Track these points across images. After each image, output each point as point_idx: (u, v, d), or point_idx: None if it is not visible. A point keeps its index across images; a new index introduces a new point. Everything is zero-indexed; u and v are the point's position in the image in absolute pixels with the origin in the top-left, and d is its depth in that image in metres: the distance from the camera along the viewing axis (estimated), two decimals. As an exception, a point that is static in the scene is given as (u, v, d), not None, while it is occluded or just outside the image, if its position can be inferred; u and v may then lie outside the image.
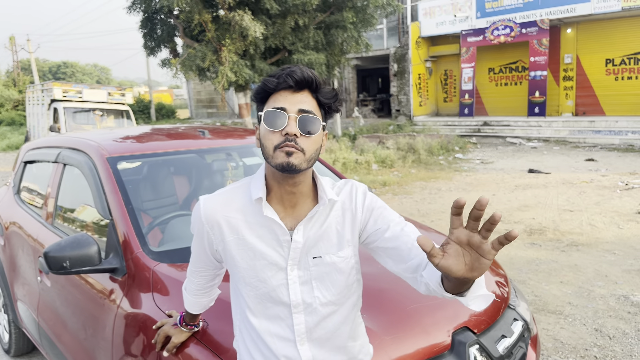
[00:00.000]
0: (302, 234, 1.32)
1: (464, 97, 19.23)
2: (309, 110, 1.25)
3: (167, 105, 35.87)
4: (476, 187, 9.73)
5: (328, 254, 1.35)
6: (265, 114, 1.25)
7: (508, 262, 5.37)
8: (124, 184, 2.49)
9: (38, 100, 14.42)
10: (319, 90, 1.28)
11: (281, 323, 1.36)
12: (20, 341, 3.63)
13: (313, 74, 1.26)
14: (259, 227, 1.32)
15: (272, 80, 1.26)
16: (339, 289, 1.37)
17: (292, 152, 1.22)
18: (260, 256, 1.32)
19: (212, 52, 14.30)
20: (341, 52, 16.88)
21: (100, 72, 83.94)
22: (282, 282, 1.33)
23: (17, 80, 42.62)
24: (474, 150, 15.14)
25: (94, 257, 2.17)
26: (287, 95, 1.25)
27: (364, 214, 1.37)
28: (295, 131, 1.22)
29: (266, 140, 1.26)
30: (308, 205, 1.35)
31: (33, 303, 3.08)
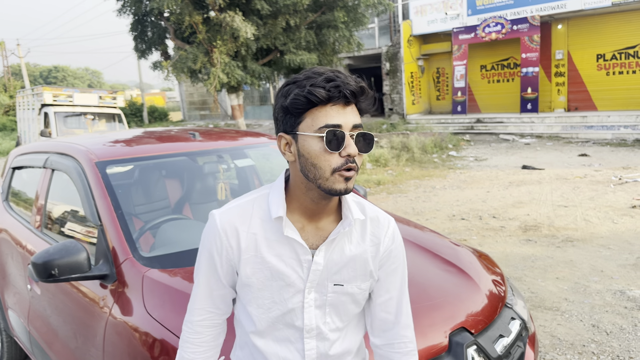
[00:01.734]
0: (324, 255, 1.23)
1: (457, 94, 19.25)
2: (360, 125, 1.14)
3: (160, 108, 35.71)
4: (470, 184, 9.73)
5: (350, 283, 1.27)
6: (327, 134, 1.11)
7: (504, 259, 5.36)
8: (113, 188, 2.45)
9: (29, 105, 14.31)
10: (364, 99, 1.17)
11: (290, 347, 1.27)
12: (12, 350, 3.57)
13: (364, 80, 1.16)
14: (279, 245, 1.22)
15: (320, 92, 1.10)
16: (348, 318, 1.31)
17: (350, 178, 1.12)
18: (278, 277, 1.22)
19: (203, 53, 14.24)
20: (333, 51, 16.87)
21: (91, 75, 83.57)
22: (297, 305, 1.25)
23: (7, 86, 42.31)
24: (467, 148, 15.15)
25: (83, 264, 2.13)
26: (339, 109, 1.12)
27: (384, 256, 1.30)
28: (355, 152, 1.12)
29: (322, 161, 1.12)
30: (332, 222, 1.26)
31: (24, 311, 3.03)
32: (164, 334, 1.81)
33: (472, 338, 1.91)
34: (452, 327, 1.92)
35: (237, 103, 16.47)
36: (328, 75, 1.13)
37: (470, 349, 1.87)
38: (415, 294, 2.04)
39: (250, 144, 3.25)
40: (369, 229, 1.28)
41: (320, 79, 1.12)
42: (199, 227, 2.52)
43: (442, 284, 2.20)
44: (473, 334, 1.94)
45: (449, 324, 1.93)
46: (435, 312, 1.95)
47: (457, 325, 1.94)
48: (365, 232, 1.28)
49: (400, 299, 1.34)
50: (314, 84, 1.12)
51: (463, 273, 2.29)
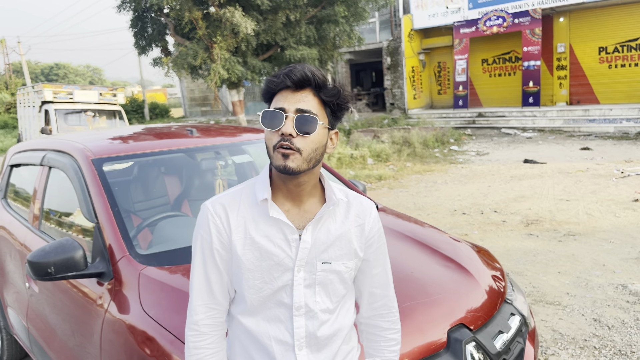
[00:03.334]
0: (311, 234, 1.30)
1: (458, 88, 19.18)
2: (306, 110, 1.23)
3: (161, 104, 35.69)
4: (472, 178, 9.70)
5: (337, 261, 1.34)
6: (263, 114, 1.25)
7: (505, 254, 5.34)
8: (110, 186, 2.43)
9: (29, 103, 14.31)
10: (321, 89, 1.26)
11: (280, 326, 1.33)
12: (13, 348, 3.57)
13: (313, 72, 1.23)
14: (267, 226, 1.30)
15: (273, 81, 1.25)
16: (337, 298, 1.37)
17: (288, 155, 1.21)
18: (268, 256, 1.29)
19: (203, 49, 14.20)
20: (334, 46, 16.80)
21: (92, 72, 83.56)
22: (287, 283, 1.31)
23: (9, 83, 42.33)
24: (469, 142, 15.10)
25: (80, 262, 2.12)
26: (288, 94, 1.24)
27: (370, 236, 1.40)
28: (290, 131, 1.21)
29: (267, 140, 1.26)
30: (316, 205, 1.34)
31: (22, 309, 3.02)
32: (159, 332, 1.80)
33: (471, 334, 1.89)
34: (451, 324, 1.90)
35: (238, 99, 16.44)
36: (289, 67, 1.26)
37: (469, 346, 1.85)
38: (413, 290, 2.03)
39: (248, 140, 3.23)
40: (353, 210, 1.38)
41: (282, 70, 1.26)
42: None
43: (441, 280, 2.18)
44: (472, 330, 1.92)
45: (448, 320, 1.91)
46: (434, 309, 1.94)
47: (455, 321, 1.92)
48: (348, 213, 1.37)
49: (386, 274, 1.47)
50: (275, 75, 1.27)
51: (462, 269, 2.27)
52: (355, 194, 1.43)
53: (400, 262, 2.20)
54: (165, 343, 1.75)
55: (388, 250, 1.51)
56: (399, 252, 2.31)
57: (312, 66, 1.26)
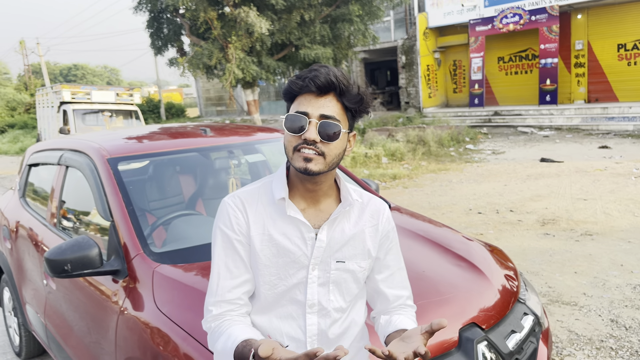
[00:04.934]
0: (326, 233, 1.32)
1: (474, 87, 19.02)
2: (330, 116, 1.23)
3: (177, 104, 35.97)
4: (487, 177, 9.62)
5: (351, 261, 1.36)
6: (287, 118, 1.25)
7: (520, 253, 5.29)
8: (125, 184, 2.47)
9: (48, 103, 14.52)
10: (345, 94, 1.26)
11: (292, 323, 1.35)
12: (31, 344, 3.64)
13: (338, 78, 1.23)
14: (284, 224, 1.32)
15: (297, 83, 1.25)
16: (350, 297, 1.39)
17: (310, 158, 1.22)
18: (284, 253, 1.31)
19: (218, 49, 14.28)
20: (348, 45, 16.77)
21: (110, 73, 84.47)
22: (301, 281, 1.33)
23: (28, 84, 43.02)
24: (485, 141, 14.97)
25: (95, 260, 2.16)
26: (311, 99, 1.24)
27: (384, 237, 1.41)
28: (313, 137, 1.22)
29: (287, 141, 1.27)
30: (332, 205, 1.36)
31: (40, 306, 3.08)
32: (173, 329, 1.82)
33: (483, 334, 1.88)
34: (463, 323, 1.90)
35: (253, 98, 16.50)
36: (313, 69, 1.26)
37: (481, 345, 1.84)
38: (425, 289, 2.02)
39: (262, 139, 3.24)
40: (367, 211, 1.40)
41: (306, 71, 1.26)
42: (210, 222, 2.53)
43: (453, 279, 2.17)
44: (484, 329, 1.91)
45: (460, 320, 1.90)
46: (446, 308, 1.93)
47: (467, 320, 1.91)
48: (362, 214, 1.39)
49: (401, 272, 1.48)
50: (298, 76, 1.26)
51: (474, 268, 2.26)
52: (369, 195, 1.44)
53: (412, 261, 2.20)
54: (178, 340, 1.78)
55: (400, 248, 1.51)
56: (411, 251, 2.30)
57: (336, 69, 1.26)
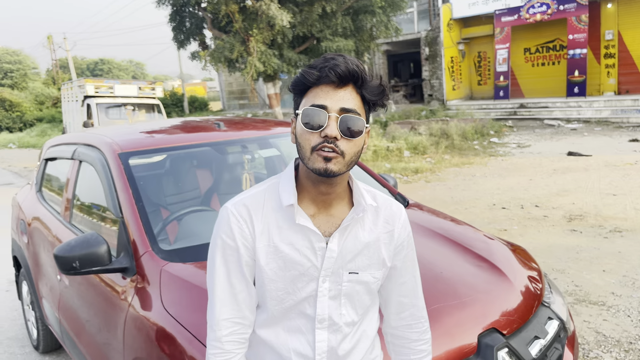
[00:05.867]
0: (338, 242, 1.21)
1: (499, 79, 18.65)
2: (352, 109, 1.12)
3: (200, 98, 36.16)
4: (512, 172, 9.41)
5: (365, 272, 1.25)
6: (304, 112, 1.13)
7: (546, 250, 5.13)
8: (135, 180, 2.42)
9: (73, 97, 14.72)
10: (365, 86, 1.14)
11: (301, 338, 1.24)
12: (48, 338, 3.64)
13: (359, 67, 1.12)
14: (292, 233, 1.20)
15: (313, 73, 1.12)
16: (362, 310, 1.29)
17: (330, 158, 1.10)
18: (292, 266, 1.20)
19: (240, 42, 14.26)
20: (370, 37, 16.57)
21: (135, 67, 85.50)
22: (311, 294, 1.22)
23: (56, 78, 43.79)
24: (510, 134, 14.67)
25: (104, 257, 2.12)
26: (329, 90, 1.12)
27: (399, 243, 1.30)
28: (335, 133, 1.10)
29: (303, 139, 1.14)
30: (343, 209, 1.24)
31: (55, 301, 3.07)
32: (179, 330, 1.76)
33: (504, 340, 1.78)
34: (482, 328, 1.79)
35: (274, 92, 16.46)
36: (328, 58, 1.14)
37: (502, 352, 1.74)
38: (442, 291, 1.92)
39: (278, 134, 3.16)
40: (382, 216, 1.28)
41: (320, 60, 1.14)
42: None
43: (473, 280, 2.06)
44: (505, 335, 1.81)
45: (479, 324, 1.80)
46: (464, 311, 1.83)
47: (487, 325, 1.81)
48: (377, 219, 1.27)
49: (415, 282, 1.37)
50: (312, 66, 1.14)
51: (495, 269, 2.14)
52: (385, 197, 1.32)
53: (429, 261, 2.10)
54: (185, 343, 1.72)
55: (418, 248, 1.42)
56: (428, 251, 2.20)
57: (354, 58, 1.15)
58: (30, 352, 3.86)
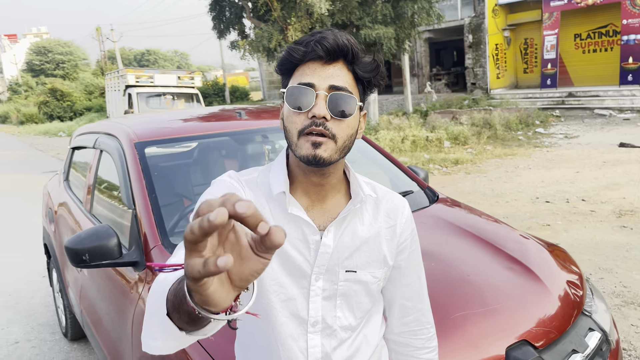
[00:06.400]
0: (333, 237, 1.09)
1: (546, 66, 17.90)
2: (342, 87, 1.01)
3: (241, 87, 36.44)
4: (558, 163, 8.98)
5: (364, 270, 1.12)
6: (288, 91, 1.02)
7: (592, 247, 4.82)
8: (150, 171, 2.34)
9: (115, 87, 15.04)
10: (357, 62, 1.04)
11: (292, 344, 1.11)
12: (75, 326, 3.66)
13: (349, 40, 1.01)
14: (284, 223, 1.09)
15: (298, 49, 1.02)
16: (362, 313, 1.15)
17: (320, 143, 0.99)
18: (284, 256, 1.08)
19: (278, 31, 14.16)
20: (411, 25, 16.14)
21: (180, 57, 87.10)
22: (302, 292, 1.10)
23: (104, 69, 45.06)
24: (557, 124, 14.07)
25: (113, 250, 2.05)
26: (317, 67, 1.01)
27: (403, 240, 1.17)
28: (324, 113, 0.99)
29: (289, 123, 1.03)
30: (340, 202, 1.13)
31: (77, 291, 3.06)
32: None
33: (536, 354, 1.59)
34: (512, 340, 1.61)
35: (313, 81, 16.28)
36: (315, 32, 1.04)
37: (533, 367, 1.56)
38: (468, 297, 1.75)
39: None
40: (383, 209, 1.16)
41: (307, 36, 1.04)
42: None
43: (503, 285, 1.86)
44: (537, 348, 1.62)
45: (508, 336, 1.62)
46: (491, 320, 1.65)
47: (518, 337, 1.62)
48: (378, 213, 1.16)
49: (420, 284, 1.25)
50: (298, 42, 1.03)
51: (530, 272, 1.94)
52: (386, 190, 1.19)
53: (455, 263, 1.93)
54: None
55: (444, 247, 1.26)
56: (454, 250, 2.02)
57: (344, 33, 1.03)
58: (60, 339, 3.89)
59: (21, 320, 4.24)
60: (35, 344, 3.83)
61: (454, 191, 7.52)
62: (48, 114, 35.52)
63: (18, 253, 5.98)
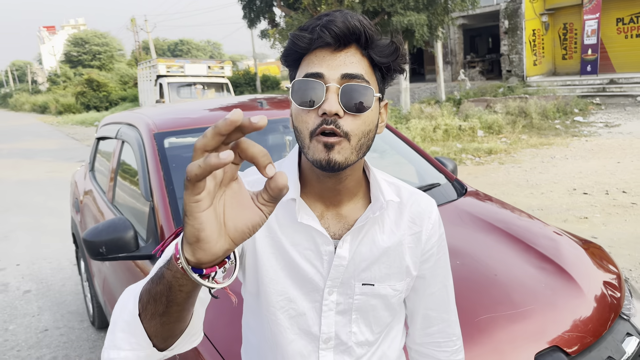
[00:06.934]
0: (349, 247, 0.97)
1: (587, 52, 17.24)
2: (356, 75, 0.87)
3: (272, 76, 36.46)
4: (597, 153, 8.64)
5: (383, 283, 1.01)
6: (294, 86, 0.89)
7: (633, 242, 4.60)
8: (169, 162, 2.30)
9: (147, 77, 15.22)
10: (372, 46, 0.89)
11: None
12: (102, 315, 3.69)
13: (362, 21, 0.87)
14: (294, 232, 0.98)
15: (303, 36, 0.88)
16: (380, 328, 1.04)
17: (333, 144, 0.86)
18: (293, 268, 0.98)
19: (308, 19, 14.04)
20: (445, 11, 15.74)
21: (212, 47, 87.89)
22: (313, 307, 1.00)
23: (139, 59, 45.80)
24: (597, 112, 13.55)
25: (130, 243, 2.02)
26: (325, 55, 0.88)
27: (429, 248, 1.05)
28: (335, 109, 0.85)
29: (299, 122, 0.90)
30: (357, 206, 1.00)
31: (100, 282, 3.07)
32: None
33: (568, 361, 1.48)
34: (542, 345, 1.50)
35: (344, 69, 16.13)
36: (322, 15, 0.89)
37: (564, 376, 1.45)
38: (495, 299, 1.64)
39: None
40: (407, 214, 1.03)
41: (312, 20, 0.90)
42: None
43: (533, 286, 1.74)
44: (570, 355, 1.50)
45: (538, 341, 1.51)
46: (520, 324, 1.54)
47: (548, 342, 1.51)
48: (401, 218, 1.02)
49: (447, 293, 1.11)
50: (303, 27, 0.90)
51: (562, 272, 1.81)
52: (412, 190, 1.06)
53: (482, 262, 1.82)
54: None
55: (470, 244, 1.16)
56: (482, 248, 1.91)
57: (355, 13, 0.89)
58: (88, 327, 3.94)
59: (52, 308, 4.32)
60: (63, 332, 3.88)
61: (486, 182, 7.32)
62: (85, 104, 36.35)
63: (52, 241, 6.12)
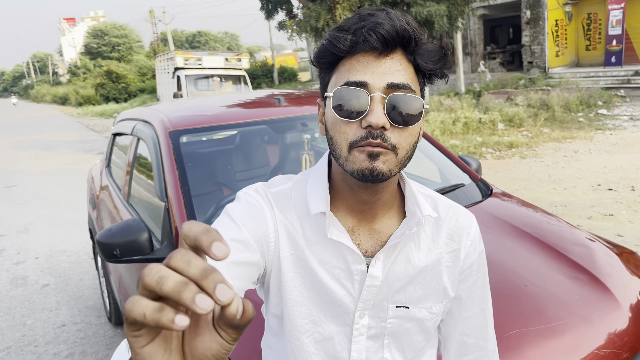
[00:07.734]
0: (382, 266, 0.90)
1: (611, 43, 16.81)
2: (403, 85, 0.79)
3: (289, 68, 36.36)
4: (623, 148, 8.41)
5: (418, 305, 0.94)
6: (335, 94, 0.81)
7: (661, 243, 4.44)
8: (184, 161, 2.24)
9: (165, 69, 15.24)
10: (419, 50, 0.81)
11: None
12: (119, 311, 3.68)
13: (410, 24, 0.80)
14: (322, 249, 0.90)
15: (344, 39, 0.79)
16: (413, 353, 0.97)
17: (378, 154, 0.79)
18: (321, 289, 0.91)
19: (326, 11, 13.89)
20: (465, 1, 15.47)
21: (230, 39, 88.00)
22: (343, 330, 0.93)
23: (157, 51, 46.03)
24: (621, 105, 13.21)
25: (144, 245, 1.96)
26: (369, 61, 0.80)
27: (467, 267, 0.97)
28: (382, 122, 0.78)
29: (336, 132, 0.82)
30: (391, 221, 0.93)
31: (116, 279, 3.05)
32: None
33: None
34: None
35: (361, 61, 15.95)
36: (364, 15, 0.80)
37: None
38: (526, 312, 1.55)
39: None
40: (445, 230, 0.95)
41: (354, 19, 0.81)
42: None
43: (566, 297, 1.65)
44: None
45: (571, 357, 1.42)
46: (552, 340, 1.45)
47: (582, 359, 1.42)
48: (439, 235, 0.95)
49: (485, 318, 1.02)
50: (342, 27, 0.81)
51: (597, 282, 1.72)
52: (449, 203, 0.98)
53: (511, 271, 1.72)
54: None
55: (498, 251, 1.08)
56: (510, 256, 1.81)
57: (400, 13, 0.81)
58: (105, 323, 3.93)
59: (69, 302, 4.32)
60: (80, 327, 3.88)
61: (507, 177, 7.17)
62: (104, 95, 36.71)
63: (71, 234, 6.15)
